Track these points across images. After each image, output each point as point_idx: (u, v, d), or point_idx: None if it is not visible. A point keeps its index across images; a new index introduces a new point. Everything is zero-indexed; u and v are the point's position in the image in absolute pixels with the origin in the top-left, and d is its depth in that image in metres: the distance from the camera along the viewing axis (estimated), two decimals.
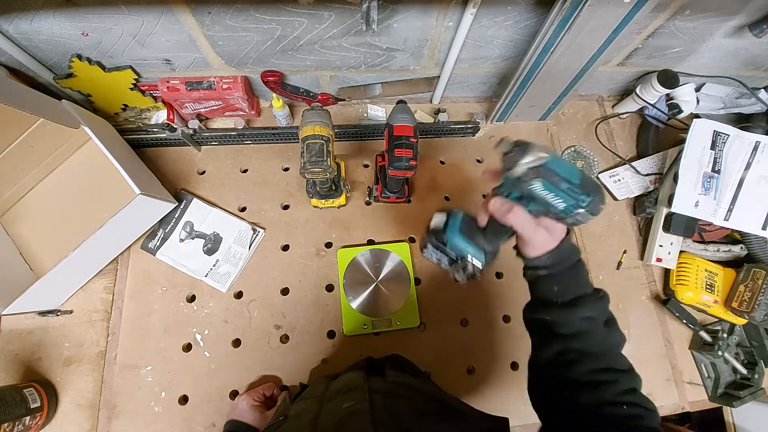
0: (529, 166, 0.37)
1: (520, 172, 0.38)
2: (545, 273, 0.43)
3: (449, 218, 0.48)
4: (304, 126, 0.62)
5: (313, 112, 0.63)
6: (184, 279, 0.74)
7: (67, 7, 0.57)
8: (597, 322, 0.42)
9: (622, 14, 0.59)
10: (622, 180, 0.88)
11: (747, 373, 0.77)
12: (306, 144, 0.61)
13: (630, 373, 0.41)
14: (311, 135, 0.61)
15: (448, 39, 0.70)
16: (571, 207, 0.39)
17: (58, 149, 0.75)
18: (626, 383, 0.39)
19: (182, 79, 0.73)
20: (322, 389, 0.49)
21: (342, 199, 0.78)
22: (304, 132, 0.62)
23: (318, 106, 0.64)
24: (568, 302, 0.42)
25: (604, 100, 0.97)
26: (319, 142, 0.61)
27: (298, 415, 0.44)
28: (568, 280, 0.43)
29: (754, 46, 0.79)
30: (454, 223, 0.47)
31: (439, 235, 0.47)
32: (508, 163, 0.39)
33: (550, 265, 0.43)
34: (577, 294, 0.42)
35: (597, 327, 0.42)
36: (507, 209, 0.41)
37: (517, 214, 0.41)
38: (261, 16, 0.61)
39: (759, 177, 0.78)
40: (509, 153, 0.39)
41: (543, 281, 0.44)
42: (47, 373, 0.67)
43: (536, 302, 0.46)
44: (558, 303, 0.42)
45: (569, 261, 0.43)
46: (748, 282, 0.75)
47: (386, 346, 0.73)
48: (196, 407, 0.68)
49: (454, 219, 0.48)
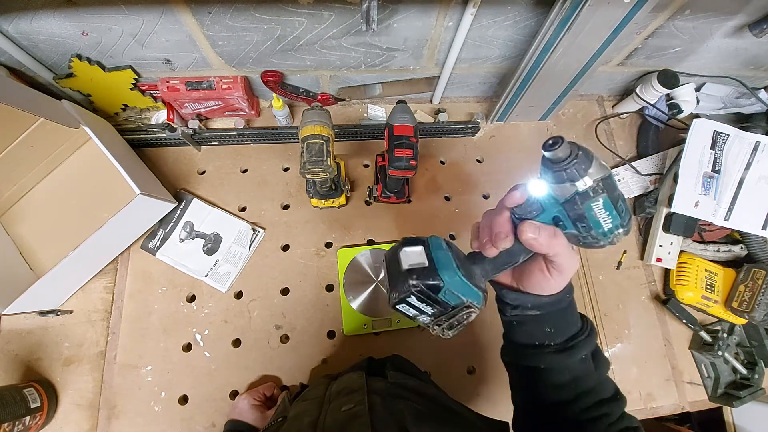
0: (597, 177, 0.29)
1: (588, 186, 0.29)
2: (538, 313, 0.37)
3: (430, 250, 0.35)
4: (304, 126, 0.62)
5: (313, 112, 0.63)
6: (184, 279, 0.74)
7: (67, 6, 0.57)
8: (589, 359, 0.38)
9: (622, 14, 0.59)
10: (622, 180, 0.88)
11: (747, 373, 0.77)
12: (306, 144, 0.61)
13: (618, 400, 0.38)
14: (311, 135, 0.61)
15: (448, 39, 0.70)
16: (615, 227, 0.31)
17: (58, 149, 0.75)
18: (617, 412, 0.37)
19: (182, 79, 0.73)
20: (322, 390, 0.49)
21: (342, 199, 0.78)
22: (304, 132, 0.62)
23: (318, 106, 0.64)
24: (563, 345, 0.37)
25: (604, 100, 0.97)
26: (319, 142, 0.60)
27: (298, 417, 0.44)
28: (563, 320, 0.37)
29: (754, 46, 0.79)
30: (445, 259, 0.34)
31: (427, 276, 0.32)
32: (570, 173, 0.29)
33: (547, 304, 0.36)
34: (570, 333, 0.37)
35: (590, 365, 0.38)
36: (551, 234, 0.32)
37: (562, 242, 0.32)
38: (261, 16, 0.61)
39: (759, 177, 0.78)
40: (568, 160, 0.29)
41: (533, 323, 0.38)
42: (47, 373, 0.67)
43: (520, 346, 0.39)
44: (551, 346, 0.37)
45: (568, 298, 0.37)
46: (748, 282, 0.75)
47: (386, 346, 0.73)
48: (196, 407, 0.68)
49: (439, 251, 0.34)
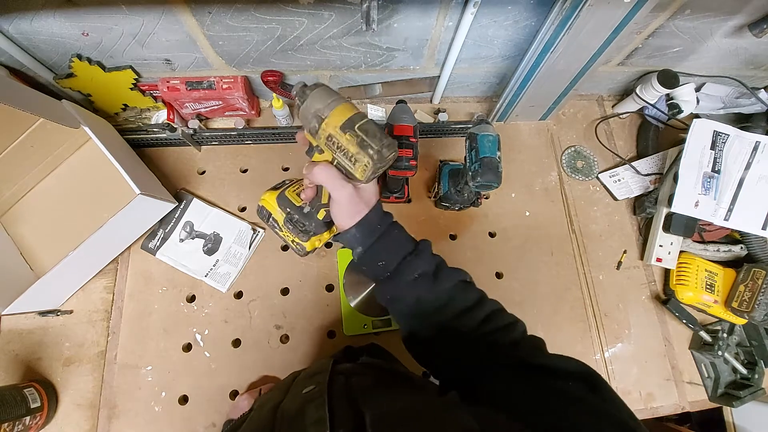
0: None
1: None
2: (361, 249, 0.42)
3: None
4: (329, 110, 0.39)
5: (322, 90, 0.41)
6: (184, 279, 0.74)
7: (68, 7, 0.57)
8: (429, 276, 0.41)
9: (622, 14, 0.59)
10: (622, 180, 0.88)
11: (747, 373, 0.77)
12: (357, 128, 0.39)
13: (481, 303, 0.41)
14: (354, 115, 0.39)
15: (448, 39, 0.70)
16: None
17: (58, 149, 0.75)
18: (480, 315, 0.40)
19: (182, 79, 0.73)
20: (291, 378, 0.47)
21: None
22: (337, 117, 0.39)
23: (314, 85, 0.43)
24: (393, 272, 0.42)
25: (604, 100, 0.97)
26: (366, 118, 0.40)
27: (262, 405, 0.43)
28: (387, 250, 0.42)
29: (754, 46, 0.79)
30: None
31: None
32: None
33: (358, 238, 0.42)
34: (398, 260, 0.42)
35: (429, 282, 0.41)
36: (310, 166, 0.40)
37: (318, 169, 0.41)
38: (261, 16, 0.61)
39: (759, 177, 0.78)
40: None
41: (367, 262, 0.43)
42: (47, 373, 0.67)
43: (375, 287, 0.45)
44: (387, 277, 0.42)
45: (380, 228, 0.43)
46: (748, 282, 0.75)
47: (386, 346, 0.73)
48: (196, 407, 0.68)
49: None
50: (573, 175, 0.89)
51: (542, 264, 0.82)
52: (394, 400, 0.33)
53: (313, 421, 0.30)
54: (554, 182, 0.88)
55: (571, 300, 0.80)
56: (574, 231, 0.85)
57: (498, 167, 0.58)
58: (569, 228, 0.85)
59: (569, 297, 0.80)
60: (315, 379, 0.39)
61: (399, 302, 0.43)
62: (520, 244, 0.82)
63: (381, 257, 0.42)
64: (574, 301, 0.80)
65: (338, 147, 0.39)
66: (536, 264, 0.82)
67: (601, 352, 0.78)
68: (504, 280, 0.80)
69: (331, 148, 0.40)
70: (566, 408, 0.29)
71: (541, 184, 0.87)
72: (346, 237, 0.43)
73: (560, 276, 0.81)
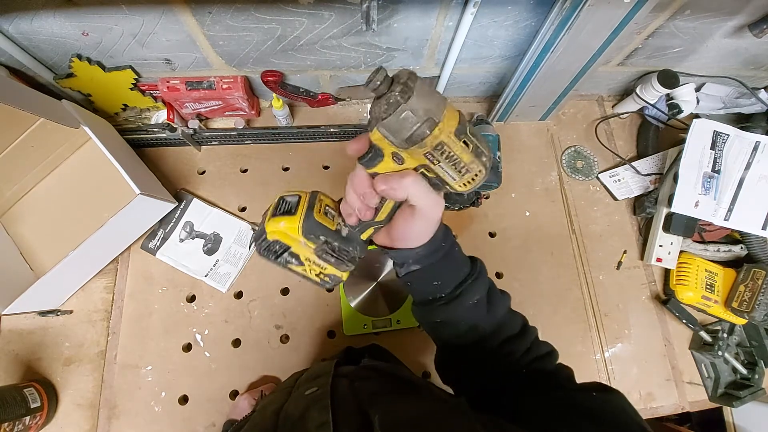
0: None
1: None
2: (419, 267, 0.37)
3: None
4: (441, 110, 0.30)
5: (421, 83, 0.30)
6: (184, 279, 0.74)
7: (68, 6, 0.57)
8: (483, 302, 0.39)
9: (622, 14, 0.59)
10: (622, 180, 0.88)
11: (747, 373, 0.77)
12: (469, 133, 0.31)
13: (524, 334, 0.40)
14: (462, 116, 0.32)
15: (448, 39, 0.70)
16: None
17: (58, 149, 0.75)
18: (522, 346, 0.39)
19: (182, 79, 0.73)
20: (293, 380, 0.47)
21: None
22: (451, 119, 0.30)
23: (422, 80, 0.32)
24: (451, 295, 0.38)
25: (604, 100, 0.97)
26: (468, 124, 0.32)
27: (265, 407, 0.42)
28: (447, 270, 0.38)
29: (754, 46, 0.79)
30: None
31: None
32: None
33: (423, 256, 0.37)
34: (457, 282, 0.38)
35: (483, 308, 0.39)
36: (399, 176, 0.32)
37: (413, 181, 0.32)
38: (261, 16, 0.61)
39: (759, 177, 0.78)
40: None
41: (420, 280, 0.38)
42: (47, 373, 0.67)
43: (419, 305, 0.41)
44: (442, 299, 0.38)
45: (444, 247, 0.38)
46: (748, 282, 0.75)
47: (386, 346, 0.72)
48: (196, 407, 0.68)
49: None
50: (573, 175, 0.89)
51: (542, 264, 0.82)
52: (400, 405, 0.33)
53: (316, 424, 0.30)
54: (554, 182, 0.88)
55: (571, 300, 0.80)
56: (574, 231, 0.85)
57: (498, 167, 0.57)
58: (569, 228, 0.85)
59: (569, 297, 0.80)
60: (317, 381, 0.39)
61: (451, 326, 0.39)
62: (520, 244, 0.82)
63: (439, 278, 0.38)
64: (574, 301, 0.80)
65: (447, 156, 0.31)
66: (536, 264, 0.82)
67: (601, 352, 0.78)
68: (504, 280, 0.80)
69: (433, 156, 0.31)
70: (581, 420, 0.30)
71: (541, 184, 0.87)
72: (403, 254, 0.37)
73: (560, 276, 0.81)
